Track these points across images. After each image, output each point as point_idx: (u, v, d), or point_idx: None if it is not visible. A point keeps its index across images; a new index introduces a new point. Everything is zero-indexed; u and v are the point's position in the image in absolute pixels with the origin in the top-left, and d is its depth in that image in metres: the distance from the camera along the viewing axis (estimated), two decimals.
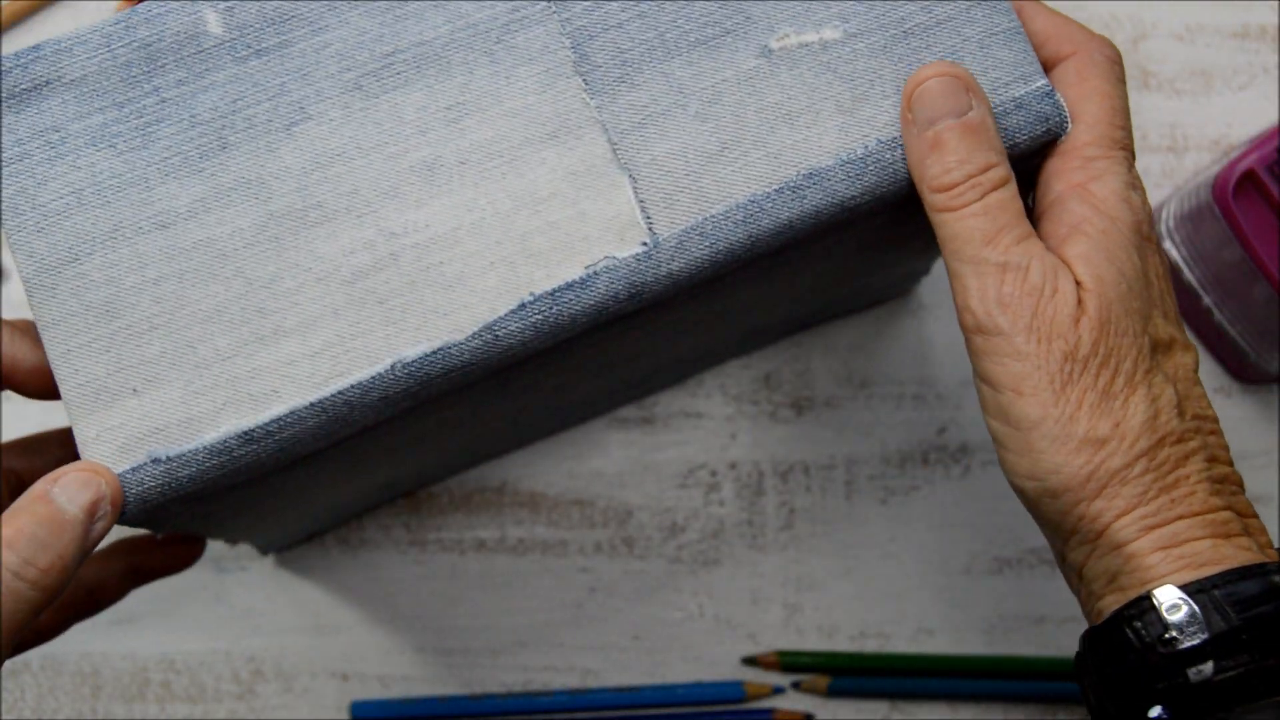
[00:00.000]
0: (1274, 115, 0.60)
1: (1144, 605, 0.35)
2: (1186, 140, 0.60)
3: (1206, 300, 0.57)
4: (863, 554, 0.59)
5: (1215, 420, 0.37)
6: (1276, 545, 0.37)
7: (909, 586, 0.58)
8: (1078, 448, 0.35)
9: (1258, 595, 0.34)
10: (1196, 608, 0.34)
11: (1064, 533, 0.36)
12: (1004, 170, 0.37)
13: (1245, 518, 0.37)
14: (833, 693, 0.57)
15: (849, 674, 0.57)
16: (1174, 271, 0.57)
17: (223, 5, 0.38)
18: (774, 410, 0.59)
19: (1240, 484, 0.37)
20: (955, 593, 0.58)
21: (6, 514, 0.33)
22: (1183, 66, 0.61)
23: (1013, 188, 0.37)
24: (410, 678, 0.58)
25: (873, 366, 0.60)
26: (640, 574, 0.58)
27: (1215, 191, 0.52)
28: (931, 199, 0.37)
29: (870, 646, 0.58)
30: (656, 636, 0.58)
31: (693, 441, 0.59)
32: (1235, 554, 0.35)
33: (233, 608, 0.58)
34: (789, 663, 0.57)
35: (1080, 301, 0.36)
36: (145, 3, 0.38)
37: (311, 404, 0.36)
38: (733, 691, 0.57)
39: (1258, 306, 0.53)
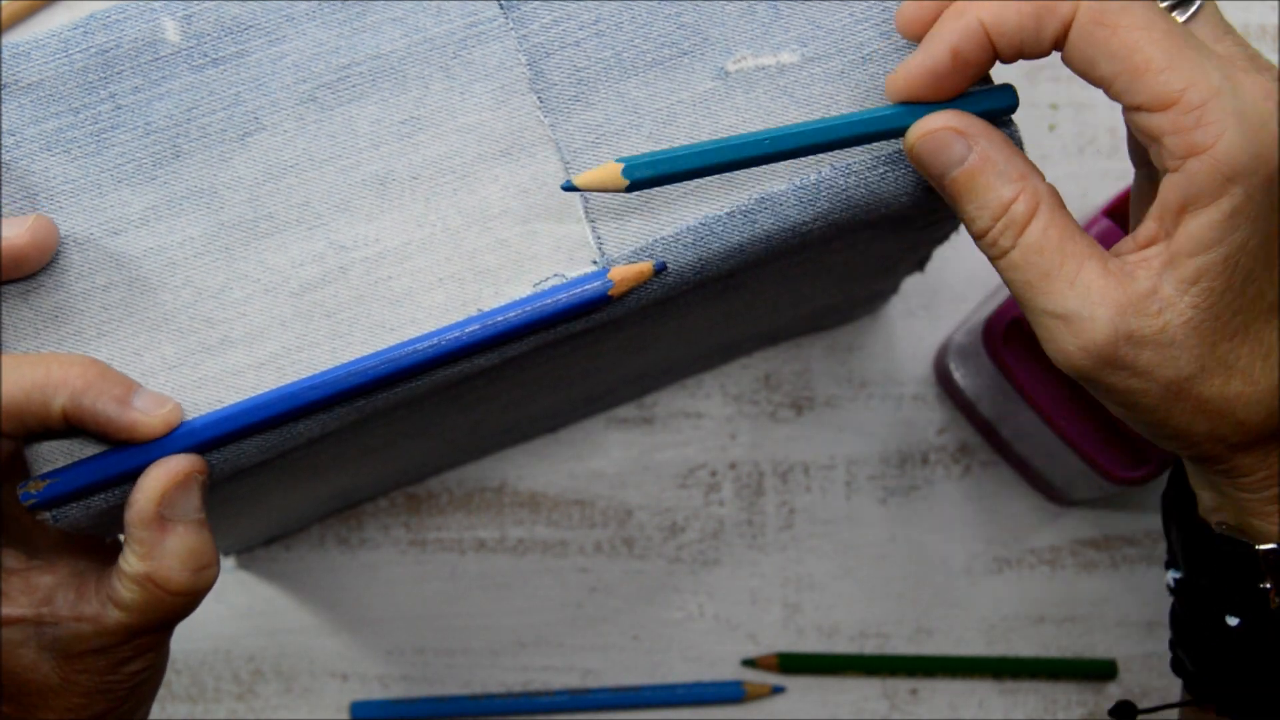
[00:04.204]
0: None
1: None
2: None
3: (1004, 433, 0.56)
4: (863, 554, 0.59)
5: None
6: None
7: (909, 586, 0.58)
8: None
9: None
10: None
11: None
12: (1028, 198, 0.34)
13: None
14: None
15: (849, 674, 0.57)
16: (970, 406, 0.57)
17: (181, 13, 0.37)
18: (774, 410, 0.59)
19: None
20: (955, 593, 0.58)
21: None
22: None
23: (1049, 212, 0.34)
24: (410, 678, 0.58)
25: (873, 366, 0.60)
26: (640, 574, 0.58)
27: (985, 339, 0.51)
28: (981, 249, 0.36)
29: (870, 646, 0.58)
30: (656, 636, 0.58)
31: (693, 441, 0.59)
32: None
33: (233, 608, 0.58)
34: (788, 664, 0.57)
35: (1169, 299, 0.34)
36: (104, 9, 0.38)
37: None
38: (732, 691, 0.57)
39: (1047, 442, 0.53)
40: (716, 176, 0.37)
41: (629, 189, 0.35)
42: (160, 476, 0.35)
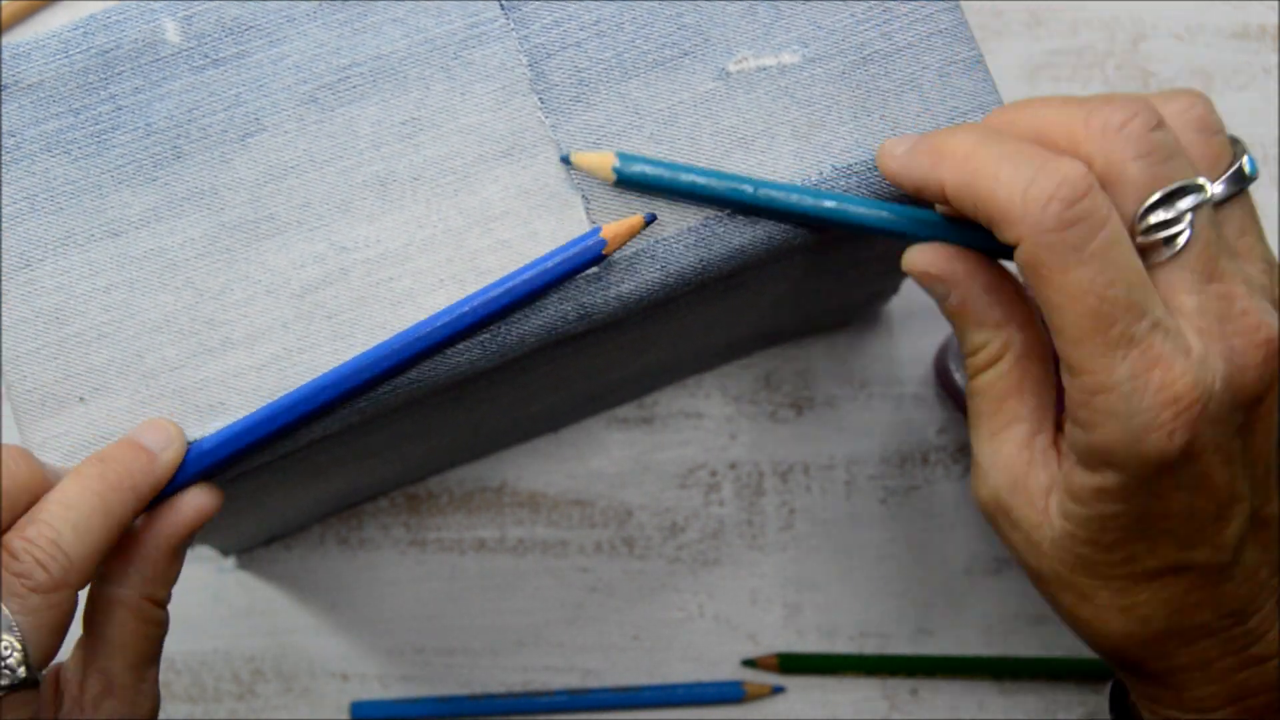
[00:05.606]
0: (1274, 115, 0.60)
1: None
2: None
3: None
4: (863, 554, 0.59)
5: None
6: None
7: (909, 586, 0.58)
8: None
9: None
10: None
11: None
12: (994, 348, 0.36)
13: None
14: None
15: (849, 674, 0.57)
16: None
17: (181, 14, 0.37)
18: (774, 410, 0.59)
19: None
20: (955, 593, 0.58)
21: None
22: (1183, 66, 0.61)
23: (1007, 364, 0.36)
24: (410, 678, 0.58)
25: (873, 366, 0.60)
26: (640, 574, 0.58)
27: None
28: None
29: (870, 646, 0.58)
30: (656, 636, 0.58)
31: (693, 441, 0.59)
32: None
33: (233, 608, 0.58)
34: (788, 664, 0.57)
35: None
36: (104, 10, 0.38)
37: None
38: (732, 691, 0.57)
39: None
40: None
41: (616, 184, 0.36)
42: (190, 520, 0.35)
